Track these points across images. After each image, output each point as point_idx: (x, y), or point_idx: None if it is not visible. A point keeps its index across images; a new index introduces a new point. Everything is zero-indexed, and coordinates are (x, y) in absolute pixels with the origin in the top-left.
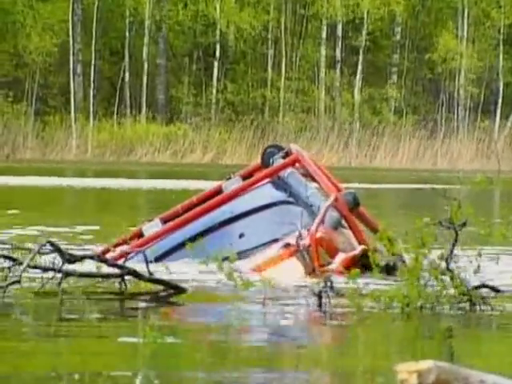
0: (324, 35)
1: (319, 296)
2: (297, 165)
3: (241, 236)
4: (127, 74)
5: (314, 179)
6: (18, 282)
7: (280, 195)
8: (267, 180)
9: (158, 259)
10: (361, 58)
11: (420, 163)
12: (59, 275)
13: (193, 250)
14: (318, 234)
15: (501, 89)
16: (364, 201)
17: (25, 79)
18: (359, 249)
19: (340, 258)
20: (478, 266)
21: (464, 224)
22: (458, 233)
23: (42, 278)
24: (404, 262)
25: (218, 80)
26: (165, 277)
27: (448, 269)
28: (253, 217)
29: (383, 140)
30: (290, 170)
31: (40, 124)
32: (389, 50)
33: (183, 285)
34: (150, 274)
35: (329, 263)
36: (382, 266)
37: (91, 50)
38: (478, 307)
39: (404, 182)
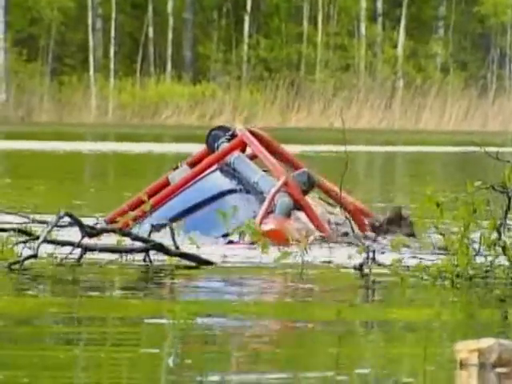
0: None
1: (360, 268)
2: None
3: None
4: (151, 30)
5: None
6: (35, 256)
7: (228, 183)
8: (215, 167)
9: None
10: (404, 10)
11: (469, 125)
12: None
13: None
14: (266, 227)
15: None
16: (409, 165)
17: (40, 36)
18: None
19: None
20: None
21: None
22: (511, 199)
23: (53, 253)
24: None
25: (250, 35)
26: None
27: (500, 238)
28: (202, 210)
29: (429, 100)
30: (236, 154)
31: (56, 84)
32: (435, 2)
33: (213, 259)
34: (177, 247)
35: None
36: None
37: (111, 3)
38: None
39: (452, 144)
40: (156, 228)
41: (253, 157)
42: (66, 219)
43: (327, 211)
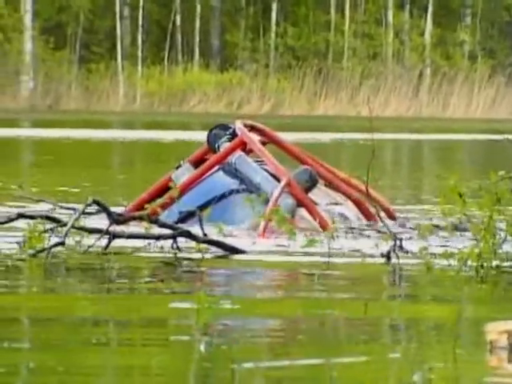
0: None
1: (388, 256)
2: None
3: None
4: (178, 17)
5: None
6: (62, 243)
7: (232, 183)
8: (217, 167)
9: None
10: None
11: (496, 112)
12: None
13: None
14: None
15: None
16: (436, 153)
17: (67, 24)
18: None
19: None
20: None
21: None
22: None
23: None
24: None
25: (277, 23)
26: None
27: None
28: (207, 211)
29: (456, 87)
30: (237, 154)
31: (84, 72)
32: None
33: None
34: (205, 234)
35: None
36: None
37: None
38: None
39: (479, 132)
40: (183, 216)
41: (249, 151)
42: (94, 206)
43: (333, 202)
